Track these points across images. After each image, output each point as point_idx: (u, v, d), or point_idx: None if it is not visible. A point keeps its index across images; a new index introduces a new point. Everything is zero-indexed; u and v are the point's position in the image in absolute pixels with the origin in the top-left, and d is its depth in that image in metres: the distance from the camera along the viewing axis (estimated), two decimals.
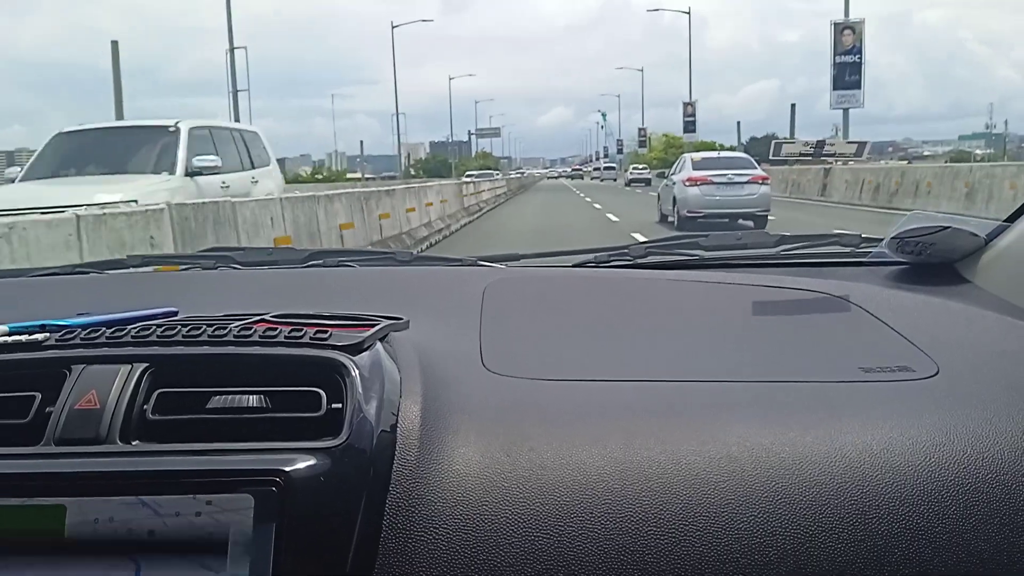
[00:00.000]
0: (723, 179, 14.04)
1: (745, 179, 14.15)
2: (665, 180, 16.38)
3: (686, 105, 56.75)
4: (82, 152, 8.05)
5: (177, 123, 8.21)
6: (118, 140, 8.39)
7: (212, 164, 7.99)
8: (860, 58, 26.98)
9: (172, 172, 7.75)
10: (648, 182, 48.81)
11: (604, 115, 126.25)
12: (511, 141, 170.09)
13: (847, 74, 26.76)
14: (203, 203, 6.23)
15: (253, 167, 9.26)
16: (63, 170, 7.83)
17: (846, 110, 27.33)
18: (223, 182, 8.16)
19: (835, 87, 27.08)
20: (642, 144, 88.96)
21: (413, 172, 79.14)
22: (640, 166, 60.43)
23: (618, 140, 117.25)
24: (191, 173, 7.83)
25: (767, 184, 14.50)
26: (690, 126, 56.95)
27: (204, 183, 7.86)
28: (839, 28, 26.38)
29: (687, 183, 14.21)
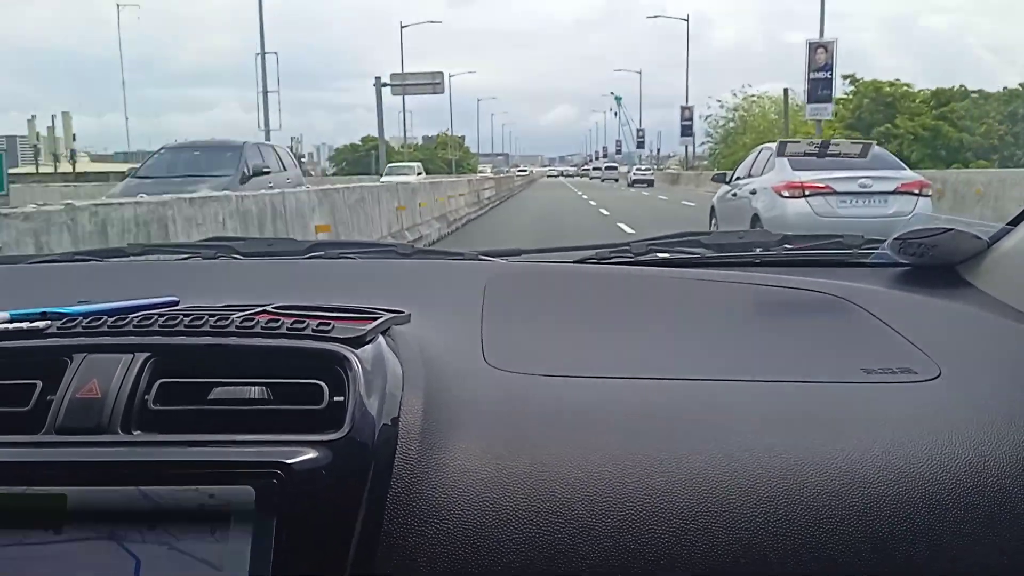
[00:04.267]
0: (853, 187, 8.04)
1: (890, 188, 8.08)
2: (729, 187, 9.78)
3: (683, 109, 56.34)
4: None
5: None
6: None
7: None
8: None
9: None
10: (651, 183, 48.05)
11: (618, 99, 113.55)
12: (510, 139, 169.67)
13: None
14: (259, 194, 7.85)
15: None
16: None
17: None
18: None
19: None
20: (640, 145, 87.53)
21: (333, 169, 66.44)
22: (643, 167, 59.41)
23: (617, 140, 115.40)
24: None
25: (927, 196, 8.25)
26: (687, 130, 56.49)
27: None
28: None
29: (785, 192, 8.18)
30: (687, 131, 56.38)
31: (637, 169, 56.22)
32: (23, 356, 0.68)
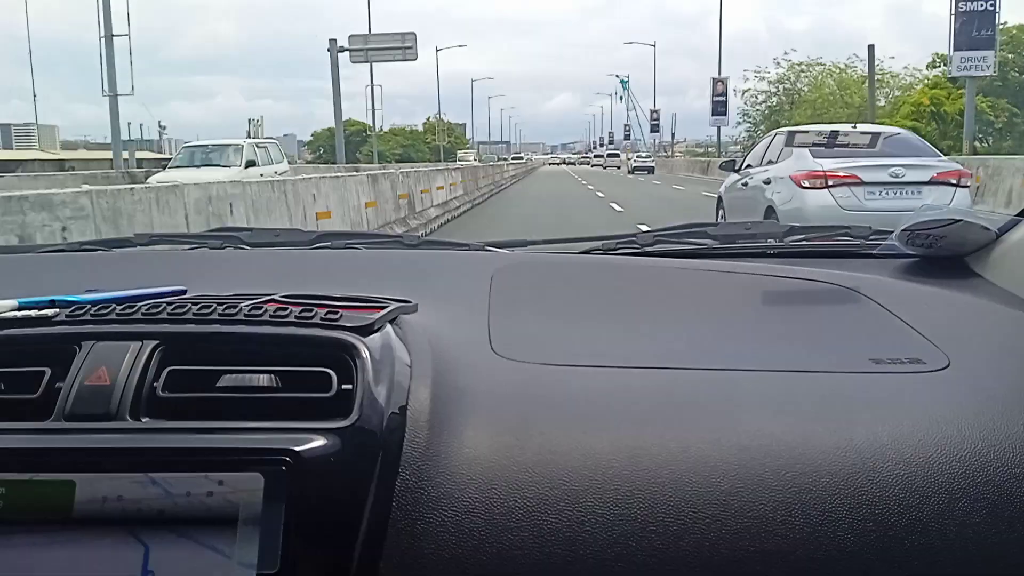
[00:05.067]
0: (883, 177, 7.02)
1: (925, 177, 7.09)
2: (738, 175, 8.71)
3: (715, 82, 45.02)
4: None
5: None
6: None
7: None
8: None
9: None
10: (651, 170, 47.24)
11: (624, 82, 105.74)
12: (512, 127, 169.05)
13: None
14: (264, 181, 8.74)
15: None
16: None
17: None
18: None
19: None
20: (654, 128, 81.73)
21: (310, 157, 63.11)
22: (643, 154, 58.80)
23: (625, 125, 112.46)
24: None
25: (965, 186, 7.33)
26: (720, 108, 45.01)
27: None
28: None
29: (805, 182, 7.15)
30: (720, 109, 44.06)
31: (637, 156, 55.74)
32: (32, 343, 0.69)
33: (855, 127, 7.38)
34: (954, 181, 7.19)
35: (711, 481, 0.64)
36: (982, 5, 21.53)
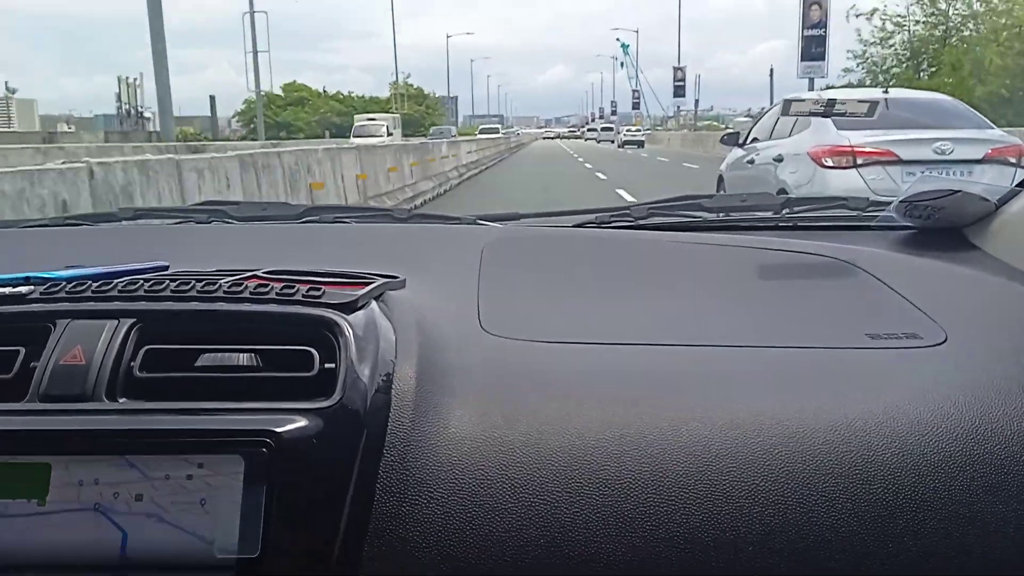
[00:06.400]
0: (925, 154, 5.60)
1: (978, 154, 5.67)
2: (743, 150, 7.31)
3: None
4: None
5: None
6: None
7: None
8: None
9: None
10: (641, 144, 47.31)
11: (625, 46, 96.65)
12: (506, 100, 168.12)
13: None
14: (251, 153, 8.08)
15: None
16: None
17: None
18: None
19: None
20: (635, 106, 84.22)
21: (243, 132, 53.92)
22: (634, 128, 58.57)
23: (612, 101, 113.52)
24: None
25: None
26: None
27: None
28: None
29: (828, 160, 5.77)
30: (814, 50, 30.49)
31: (627, 130, 55.46)
32: (5, 322, 0.67)
33: (886, 92, 6.32)
34: (1013, 159, 5.66)
35: (703, 459, 0.63)
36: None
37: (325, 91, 67.32)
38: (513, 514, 0.61)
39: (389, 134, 29.48)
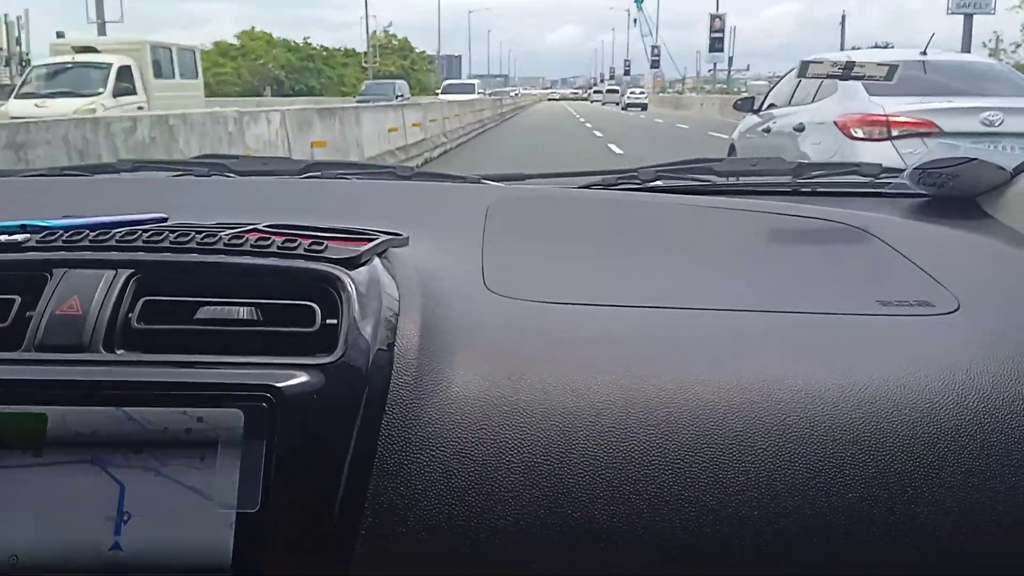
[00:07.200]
0: (971, 124, 4.72)
1: None
2: (759, 117, 6.59)
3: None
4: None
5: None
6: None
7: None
8: None
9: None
10: (644, 107, 46.49)
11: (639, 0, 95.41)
12: (511, 60, 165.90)
13: None
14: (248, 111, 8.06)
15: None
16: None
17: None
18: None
19: None
20: (655, 64, 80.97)
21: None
22: (636, 91, 57.02)
23: (625, 60, 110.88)
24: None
25: None
26: (717, 44, 45.09)
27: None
28: None
29: (858, 130, 4.97)
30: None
31: (631, 93, 54.23)
32: (0, 270, 0.65)
33: (924, 54, 5.41)
34: None
35: (709, 423, 0.62)
36: None
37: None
38: (516, 474, 0.60)
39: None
